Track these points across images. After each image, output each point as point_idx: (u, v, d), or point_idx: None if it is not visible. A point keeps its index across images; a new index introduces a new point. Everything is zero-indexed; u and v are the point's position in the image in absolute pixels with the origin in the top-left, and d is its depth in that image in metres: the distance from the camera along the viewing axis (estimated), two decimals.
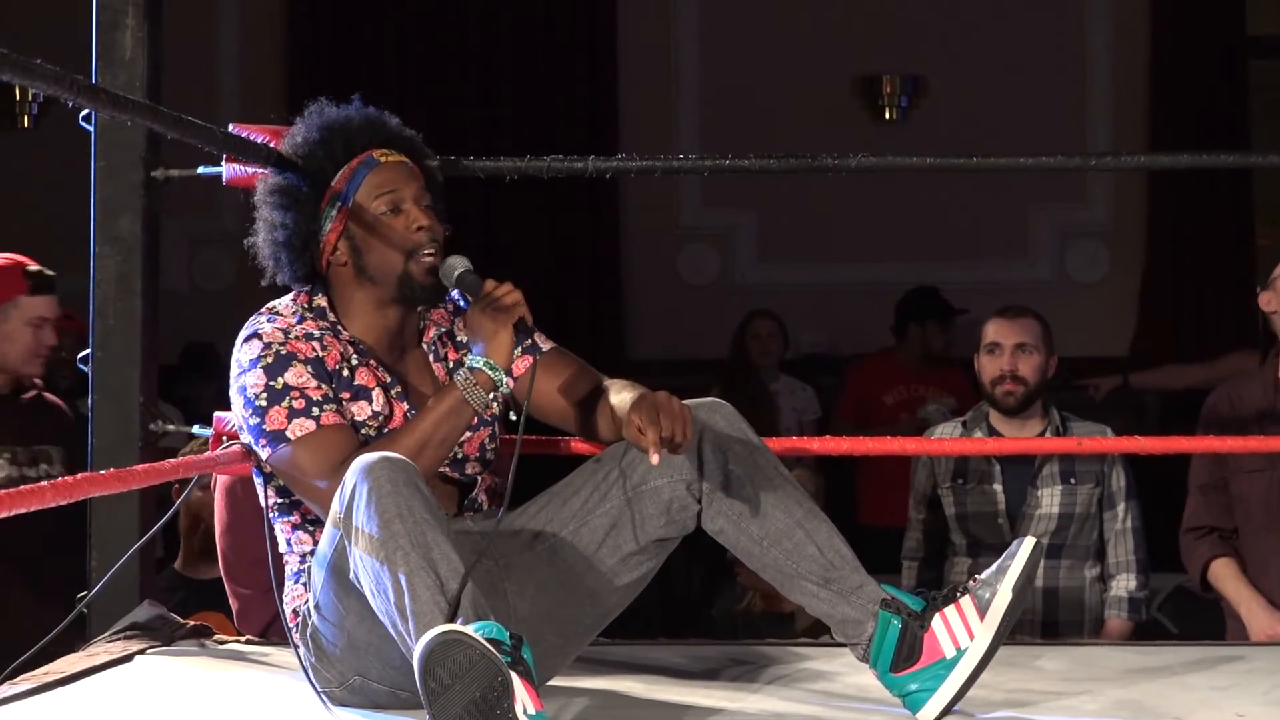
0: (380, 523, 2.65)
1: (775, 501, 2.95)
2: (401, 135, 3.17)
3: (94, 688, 3.15)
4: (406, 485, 2.68)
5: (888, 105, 8.92)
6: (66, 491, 2.72)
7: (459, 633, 2.49)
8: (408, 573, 2.62)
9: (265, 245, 3.12)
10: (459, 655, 2.47)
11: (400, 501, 2.66)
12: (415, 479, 2.71)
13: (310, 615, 2.93)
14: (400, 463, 2.73)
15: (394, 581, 2.63)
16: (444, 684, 2.47)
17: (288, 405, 2.96)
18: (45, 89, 2.48)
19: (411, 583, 2.61)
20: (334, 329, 3.07)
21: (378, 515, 2.66)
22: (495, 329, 2.96)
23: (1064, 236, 8.88)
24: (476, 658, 2.47)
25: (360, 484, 2.69)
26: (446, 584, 2.61)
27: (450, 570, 2.63)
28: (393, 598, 2.63)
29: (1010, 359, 4.79)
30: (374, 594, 2.68)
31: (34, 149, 8.67)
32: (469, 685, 2.46)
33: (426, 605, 2.60)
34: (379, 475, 2.69)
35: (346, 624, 2.84)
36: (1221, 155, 4.09)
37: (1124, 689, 3.13)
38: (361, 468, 2.71)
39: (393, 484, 2.68)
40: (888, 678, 2.91)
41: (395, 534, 2.64)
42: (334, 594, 2.83)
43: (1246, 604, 4.36)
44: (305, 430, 2.94)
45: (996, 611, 2.89)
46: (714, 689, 3.11)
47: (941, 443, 4.73)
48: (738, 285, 8.83)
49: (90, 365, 3.66)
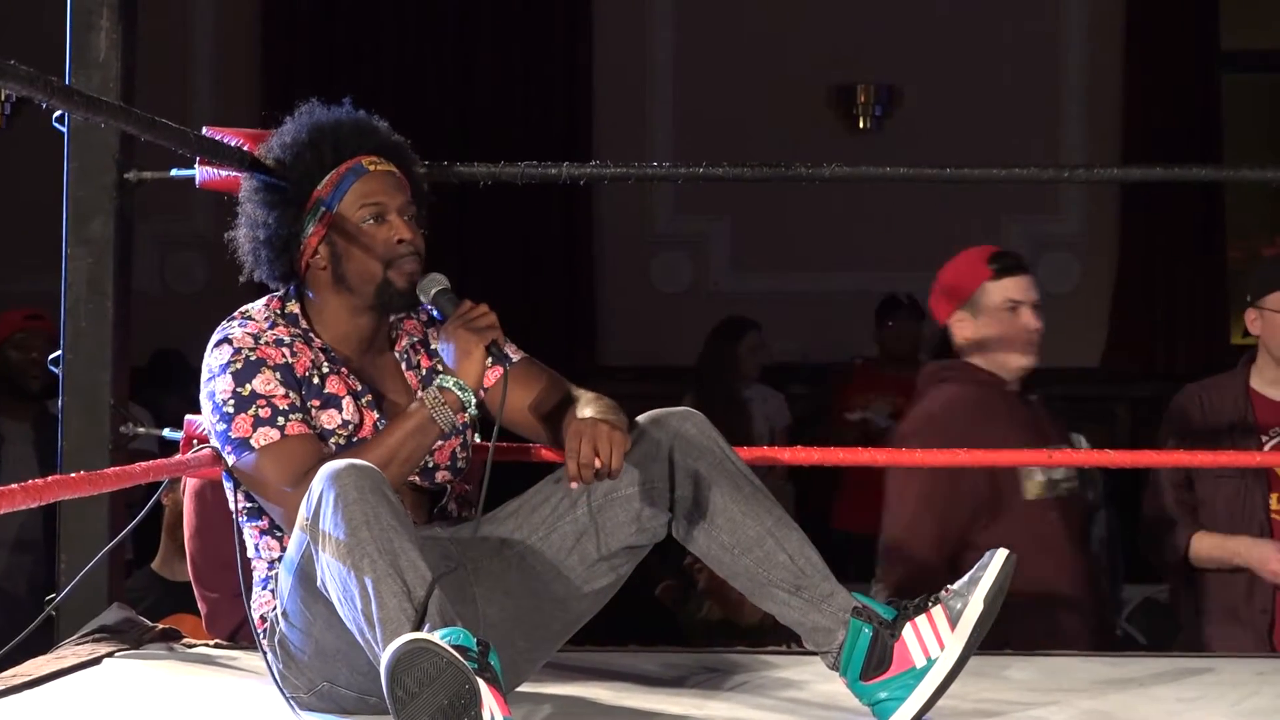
0: (347, 530, 2.64)
1: (746, 510, 2.95)
2: (391, 143, 3.15)
3: (62, 691, 3.14)
4: (373, 492, 2.68)
5: (862, 115, 8.94)
6: (36, 494, 2.71)
7: (426, 641, 2.48)
8: (374, 580, 2.61)
9: (246, 242, 3.12)
10: (426, 663, 2.46)
11: (367, 509, 2.65)
12: (382, 486, 2.70)
13: (278, 622, 2.92)
14: (367, 470, 2.72)
15: (360, 589, 2.62)
16: (411, 692, 2.46)
17: (254, 413, 2.95)
18: (18, 90, 2.46)
19: (378, 590, 2.61)
20: (305, 335, 3.06)
21: (345, 522, 2.65)
22: (468, 350, 2.95)
23: (1036, 247, 8.89)
24: (444, 665, 2.46)
25: (327, 490, 2.69)
26: (413, 591, 2.60)
27: (417, 577, 2.62)
28: (359, 605, 2.63)
29: None
30: (341, 601, 2.68)
31: (6, 150, 8.64)
32: (436, 693, 2.45)
33: (393, 612, 2.59)
34: (346, 482, 2.68)
35: (314, 631, 2.84)
36: (1194, 169, 4.08)
37: (1092, 699, 3.14)
38: (329, 475, 2.70)
39: (359, 491, 2.67)
40: (857, 686, 2.91)
41: (362, 541, 2.63)
42: (301, 600, 2.83)
43: (1245, 546, 4.34)
44: (269, 439, 2.93)
45: (968, 622, 2.88)
46: (682, 696, 3.11)
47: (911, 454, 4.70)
48: (710, 293, 8.84)
49: (61, 367, 3.65)
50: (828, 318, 8.58)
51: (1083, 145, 8.78)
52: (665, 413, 3.00)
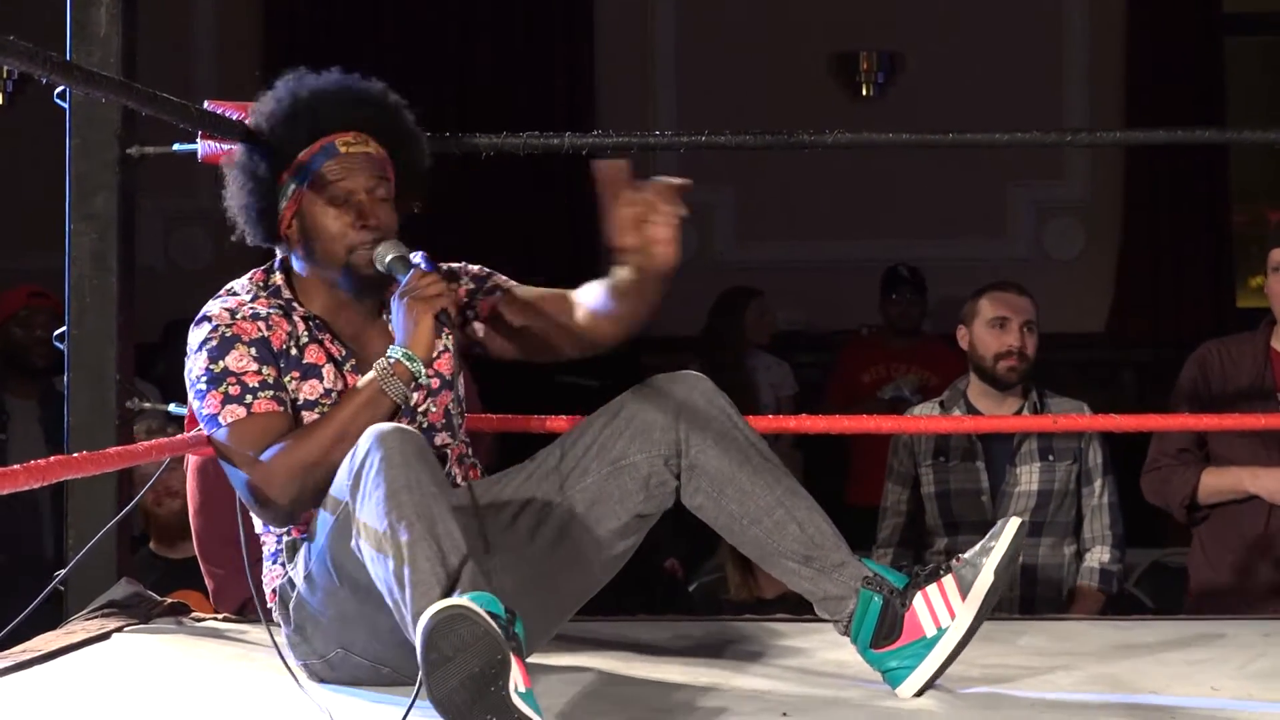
0: (388, 491, 2.66)
1: (755, 478, 2.95)
2: (371, 114, 3.11)
3: (71, 666, 3.15)
4: (417, 458, 2.70)
5: (865, 82, 8.91)
6: (39, 474, 2.72)
7: (465, 607, 2.49)
8: (410, 541, 2.62)
9: (233, 205, 3.13)
10: (464, 630, 2.47)
11: (410, 473, 2.67)
12: (426, 452, 2.73)
13: (297, 586, 2.93)
14: (411, 434, 2.74)
15: (395, 549, 2.63)
16: (445, 656, 2.47)
17: (224, 390, 2.96)
18: (19, 65, 2.47)
19: (413, 552, 2.62)
20: (286, 306, 3.06)
21: (386, 484, 2.66)
22: (416, 319, 2.94)
23: (1041, 213, 8.88)
24: (481, 634, 2.47)
25: (374, 452, 2.70)
26: (448, 557, 2.61)
27: (452, 545, 2.63)
28: (392, 566, 2.64)
29: (1019, 335, 4.78)
30: (374, 560, 2.68)
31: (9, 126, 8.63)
32: (470, 660, 2.47)
33: (426, 575, 2.60)
34: (391, 445, 2.70)
35: (340, 593, 2.85)
36: (1198, 131, 4.10)
37: (1101, 664, 3.14)
38: (375, 435, 2.72)
39: (403, 455, 2.69)
40: (869, 654, 2.92)
41: (401, 504, 2.65)
42: (331, 561, 2.84)
43: (1251, 475, 4.37)
44: (236, 416, 2.95)
45: (979, 591, 2.88)
46: (691, 665, 3.12)
47: (918, 421, 4.73)
48: (715, 262, 8.82)
49: (66, 343, 3.65)
50: (833, 286, 8.57)
51: (1086, 109, 8.75)
52: (672, 377, 3.01)
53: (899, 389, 7.14)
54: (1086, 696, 2.88)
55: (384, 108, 3.15)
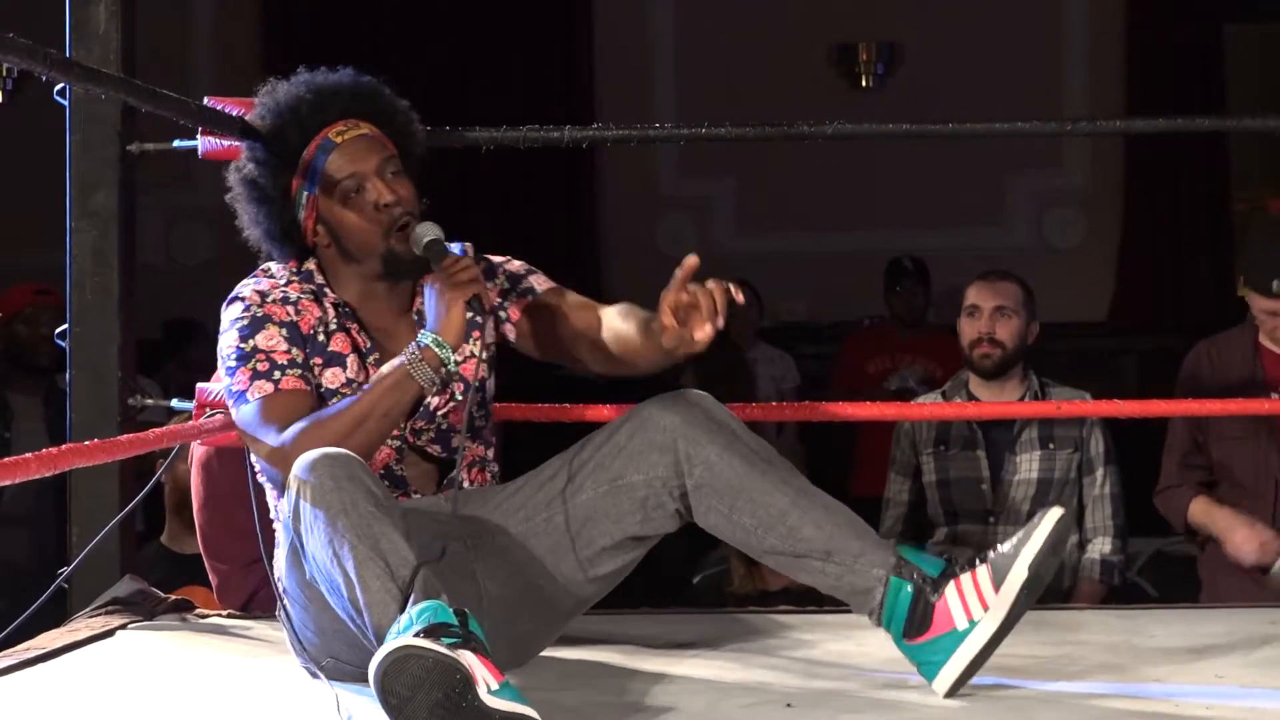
0: (326, 519, 2.64)
1: (764, 487, 2.88)
2: (357, 100, 3.09)
3: (76, 663, 3.15)
4: (349, 480, 2.67)
5: (864, 72, 8.92)
6: (50, 463, 2.72)
7: (408, 646, 2.45)
8: (356, 565, 2.61)
9: (252, 235, 3.11)
10: (414, 667, 2.44)
11: (344, 496, 2.65)
12: (358, 472, 2.69)
13: (283, 597, 2.93)
14: (341, 457, 2.71)
15: (344, 576, 2.62)
16: (405, 696, 2.44)
17: (253, 367, 2.96)
18: (19, 63, 2.46)
19: (361, 574, 2.60)
20: (318, 292, 3.06)
21: (323, 512, 2.65)
22: (448, 305, 2.92)
23: (1041, 202, 8.89)
24: (431, 665, 2.43)
25: (304, 484, 2.69)
26: (396, 571, 2.59)
27: (399, 559, 2.60)
28: (345, 593, 2.63)
29: (988, 322, 4.78)
30: (329, 592, 2.69)
31: (9, 123, 8.63)
32: (430, 691, 2.43)
33: (378, 595, 2.59)
34: (320, 473, 2.68)
35: (312, 610, 2.85)
36: (1197, 119, 4.07)
37: (1105, 653, 3.14)
38: (303, 467, 2.70)
39: (334, 480, 2.66)
40: (903, 645, 2.83)
41: (340, 530, 2.63)
42: (297, 584, 2.84)
43: (1227, 521, 4.39)
44: (263, 392, 2.94)
45: (1013, 584, 2.77)
46: (695, 659, 3.11)
47: (920, 408, 4.73)
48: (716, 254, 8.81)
49: (68, 340, 3.65)
50: (834, 277, 8.57)
51: (1085, 98, 8.75)
52: (671, 398, 2.96)
53: (904, 379, 7.14)
54: (1091, 685, 2.87)
55: (366, 93, 3.11)
